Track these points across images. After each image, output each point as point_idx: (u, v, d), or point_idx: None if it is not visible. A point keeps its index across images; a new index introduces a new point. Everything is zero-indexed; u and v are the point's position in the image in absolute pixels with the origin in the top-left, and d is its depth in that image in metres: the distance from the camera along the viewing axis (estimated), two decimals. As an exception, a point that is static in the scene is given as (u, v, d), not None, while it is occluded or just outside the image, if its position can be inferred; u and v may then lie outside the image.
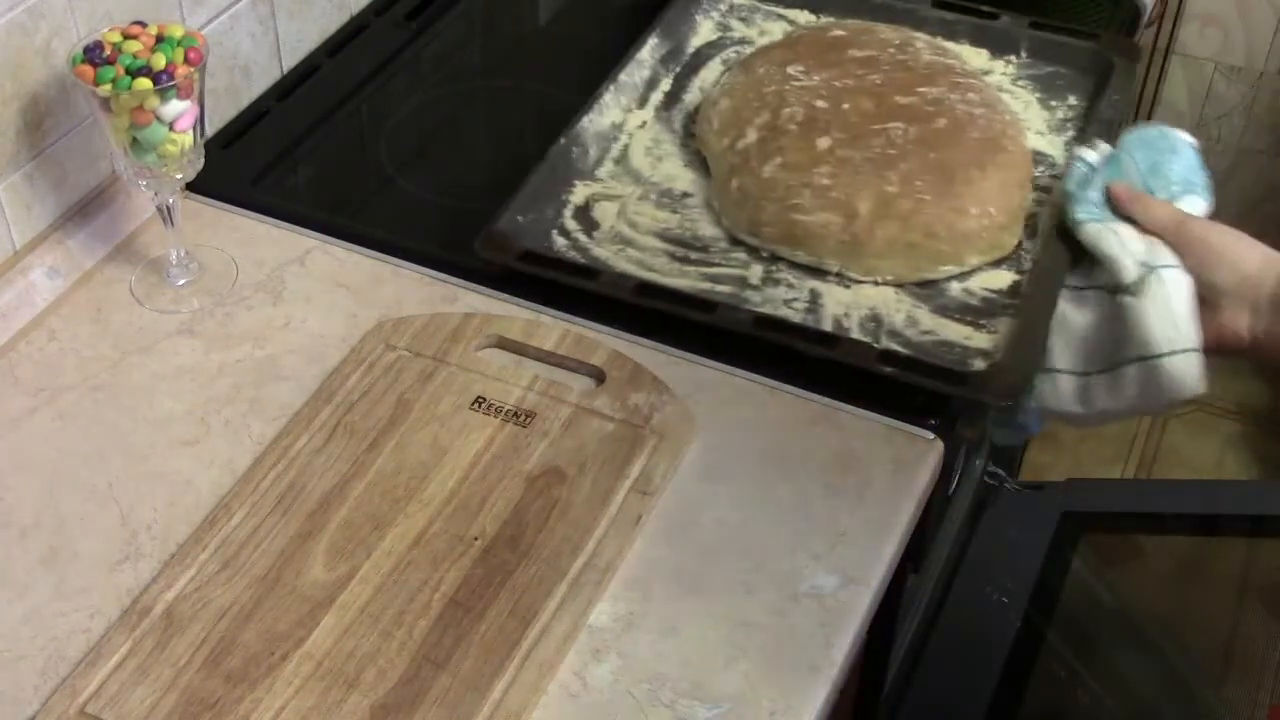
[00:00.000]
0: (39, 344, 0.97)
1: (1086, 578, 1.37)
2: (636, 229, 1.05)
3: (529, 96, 1.25)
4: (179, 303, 1.00)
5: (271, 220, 1.07)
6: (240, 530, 0.84)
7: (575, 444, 0.89)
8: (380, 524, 0.84)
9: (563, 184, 1.07)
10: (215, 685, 0.76)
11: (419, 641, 0.78)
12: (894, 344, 0.96)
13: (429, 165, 1.16)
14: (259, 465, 0.88)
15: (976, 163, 1.02)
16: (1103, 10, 1.34)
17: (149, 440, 0.91)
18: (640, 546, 0.84)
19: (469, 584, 0.81)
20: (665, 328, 0.97)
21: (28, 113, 0.97)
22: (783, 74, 1.09)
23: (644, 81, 1.17)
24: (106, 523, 0.86)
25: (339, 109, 1.20)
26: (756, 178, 1.03)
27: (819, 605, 0.81)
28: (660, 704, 0.77)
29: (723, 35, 1.26)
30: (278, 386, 0.94)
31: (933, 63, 1.10)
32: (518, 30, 1.36)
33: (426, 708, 0.75)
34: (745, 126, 1.06)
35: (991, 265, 1.03)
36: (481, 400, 0.92)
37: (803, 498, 0.87)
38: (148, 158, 0.93)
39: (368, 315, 0.99)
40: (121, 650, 0.78)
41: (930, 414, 0.92)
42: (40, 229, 1.02)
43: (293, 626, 0.79)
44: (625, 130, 1.14)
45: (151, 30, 0.93)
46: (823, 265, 1.01)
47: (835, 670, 0.79)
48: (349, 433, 0.89)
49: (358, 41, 1.27)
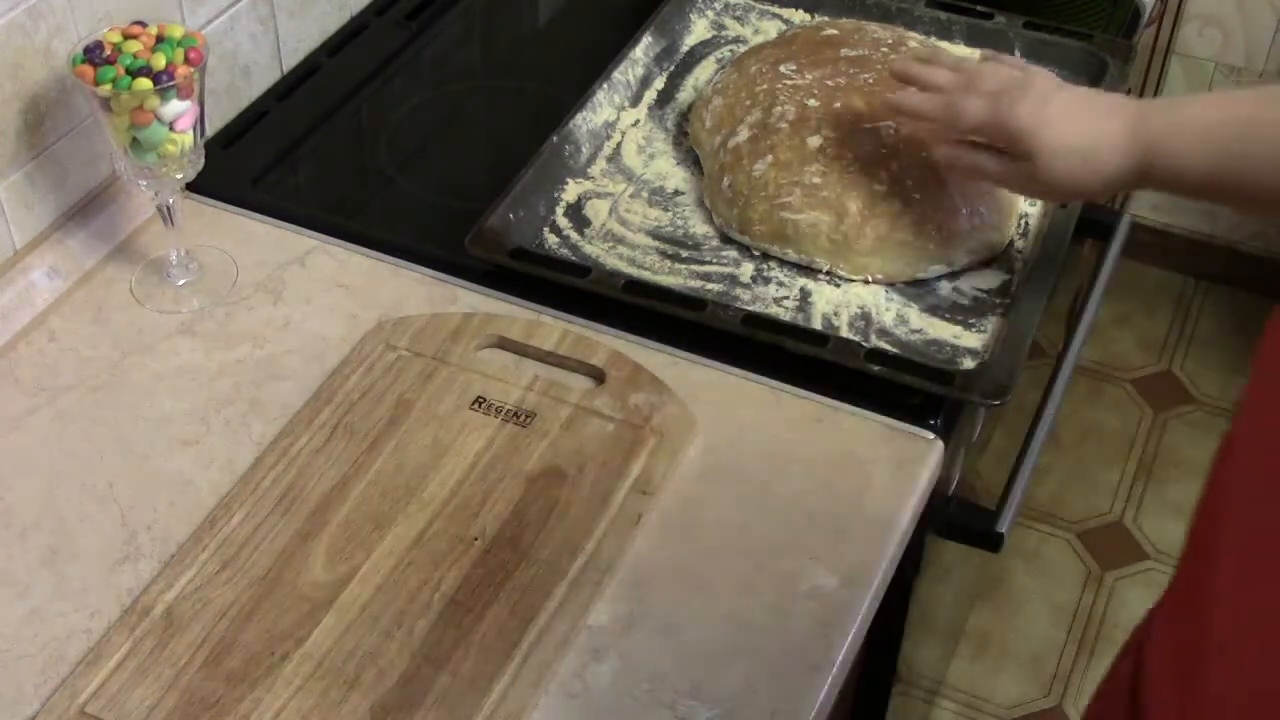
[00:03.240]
0: (39, 344, 0.97)
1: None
2: (628, 227, 1.05)
3: (529, 96, 1.25)
4: (179, 303, 1.00)
5: (271, 220, 1.07)
6: (240, 530, 0.84)
7: (575, 444, 0.89)
8: (380, 524, 0.84)
9: (555, 181, 1.08)
10: (215, 685, 0.76)
11: (419, 641, 0.78)
12: (883, 343, 0.97)
13: (429, 165, 1.16)
14: (259, 465, 0.88)
15: (969, 162, 1.03)
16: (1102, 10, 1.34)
17: (149, 440, 0.91)
18: (640, 546, 0.84)
19: (469, 584, 0.81)
20: (665, 328, 0.97)
21: (28, 113, 0.97)
22: (775, 72, 1.09)
23: (638, 80, 1.18)
24: (106, 523, 0.86)
25: (339, 109, 1.20)
26: (748, 176, 1.03)
27: (819, 605, 0.82)
28: (660, 704, 0.77)
29: (717, 34, 1.26)
30: (278, 386, 0.94)
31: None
32: (517, 30, 1.36)
33: (426, 708, 0.75)
34: (737, 125, 1.06)
35: (981, 264, 1.03)
36: (481, 400, 0.92)
37: (803, 498, 0.87)
38: (148, 158, 0.93)
39: (368, 315, 0.99)
40: (121, 650, 0.78)
41: (930, 414, 0.92)
42: (41, 229, 1.02)
43: (293, 626, 0.79)
44: (618, 128, 1.14)
45: (151, 30, 0.93)
46: (813, 264, 1.02)
47: (835, 670, 0.79)
48: (349, 433, 0.89)
49: (358, 41, 1.27)
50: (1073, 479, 1.98)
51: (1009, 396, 0.92)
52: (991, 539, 1.05)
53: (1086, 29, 1.25)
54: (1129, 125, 0.87)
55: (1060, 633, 1.82)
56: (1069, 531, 1.93)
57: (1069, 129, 0.89)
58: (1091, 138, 0.89)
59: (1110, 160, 0.88)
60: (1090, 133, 0.89)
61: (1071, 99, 0.91)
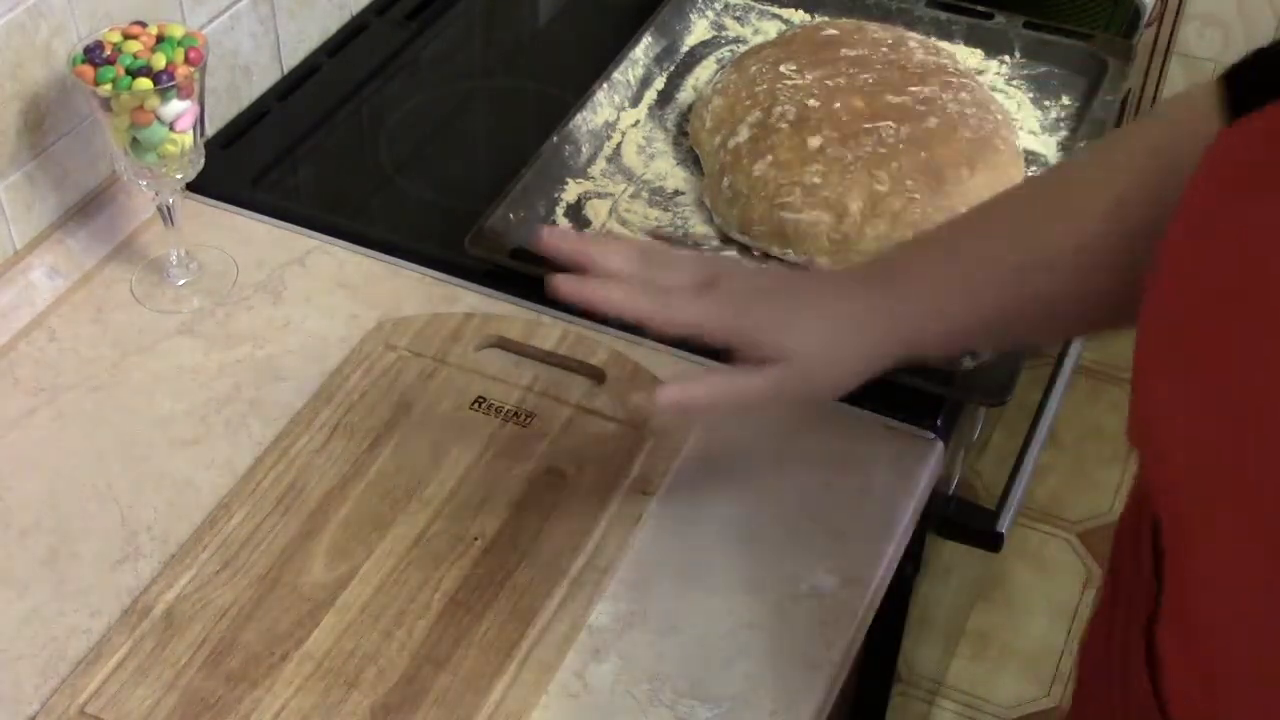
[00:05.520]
0: (39, 344, 0.97)
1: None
2: (628, 227, 1.06)
3: (529, 96, 1.25)
4: (179, 303, 1.00)
5: (271, 220, 1.07)
6: (240, 530, 0.84)
7: (575, 444, 0.89)
8: (380, 524, 0.84)
9: (555, 182, 1.08)
10: (215, 685, 0.76)
11: (419, 641, 0.78)
12: (886, 343, 0.97)
13: (429, 165, 1.16)
14: (259, 465, 0.88)
15: (967, 162, 1.03)
16: (1103, 10, 1.34)
17: (149, 440, 0.91)
18: (640, 546, 0.84)
19: (469, 584, 0.81)
20: (665, 328, 0.97)
21: (28, 113, 0.97)
22: (775, 72, 1.09)
23: (638, 80, 1.18)
24: (106, 523, 0.86)
25: (339, 109, 1.20)
26: (747, 176, 1.03)
27: (819, 605, 0.82)
28: (660, 704, 0.77)
29: (717, 34, 1.26)
30: (278, 386, 0.94)
31: (925, 62, 1.10)
32: (518, 30, 1.36)
33: (426, 708, 0.75)
34: (737, 125, 1.06)
35: (984, 265, 1.03)
36: (481, 400, 0.92)
37: (803, 498, 0.87)
38: (148, 158, 0.93)
39: (368, 315, 0.99)
40: (121, 650, 0.78)
41: (930, 414, 0.92)
42: (40, 229, 1.02)
43: (293, 626, 0.79)
44: (618, 128, 1.14)
45: (151, 30, 0.93)
46: (813, 264, 1.01)
47: (835, 670, 0.79)
48: (349, 433, 0.89)
49: (358, 41, 1.27)
50: (1073, 479, 1.98)
51: (1009, 396, 0.92)
52: (991, 539, 1.05)
53: (1086, 29, 1.25)
54: (869, 308, 0.77)
55: (1060, 633, 1.82)
56: (1069, 531, 1.93)
57: (814, 320, 0.76)
58: (843, 323, 0.76)
59: (863, 346, 0.77)
60: (838, 318, 0.77)
61: (796, 287, 0.79)
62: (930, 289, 0.76)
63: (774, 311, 0.76)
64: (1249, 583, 0.52)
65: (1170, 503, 0.59)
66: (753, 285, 0.78)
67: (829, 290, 0.78)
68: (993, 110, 1.08)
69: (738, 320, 0.75)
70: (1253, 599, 0.52)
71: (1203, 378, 0.53)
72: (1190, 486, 0.55)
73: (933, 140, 1.03)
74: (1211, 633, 0.56)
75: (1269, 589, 0.50)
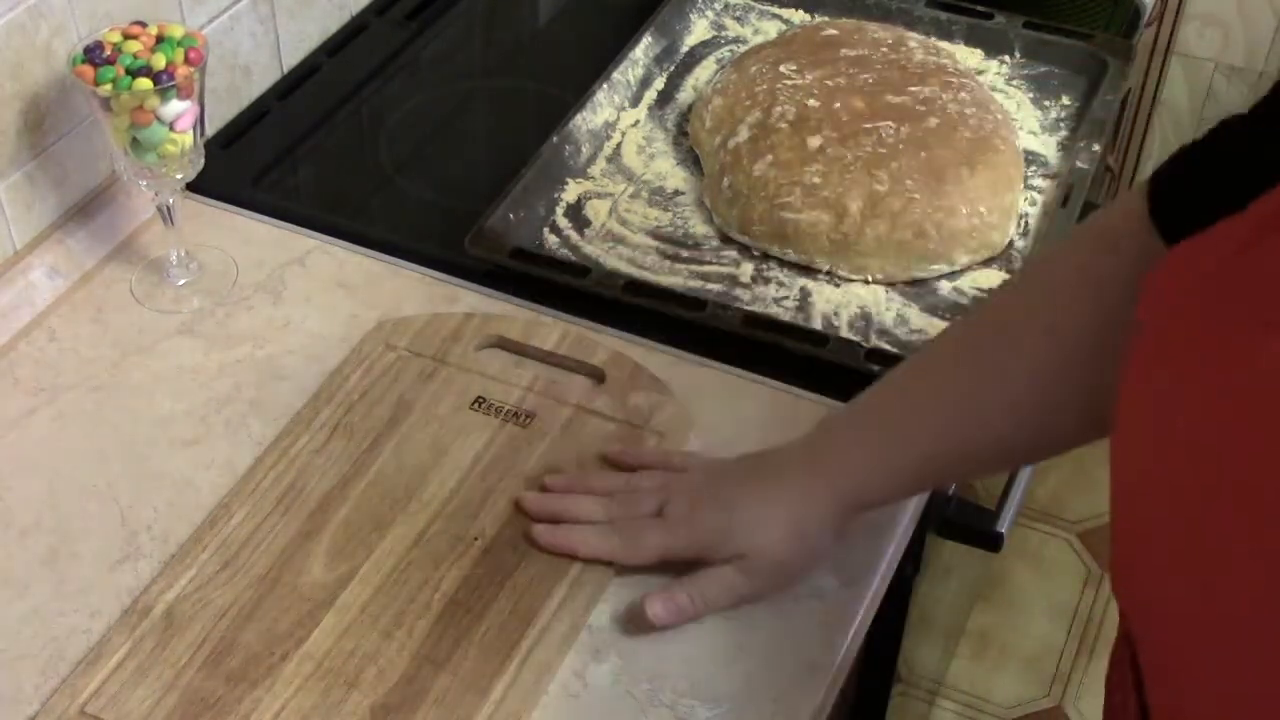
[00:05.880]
0: (39, 344, 0.97)
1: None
2: (628, 227, 1.06)
3: (529, 96, 1.25)
4: (179, 303, 1.00)
5: (271, 220, 1.07)
6: (240, 530, 0.84)
7: (575, 444, 0.89)
8: (380, 524, 0.84)
9: (555, 182, 1.08)
10: (215, 685, 0.76)
11: (419, 641, 0.78)
12: (883, 343, 0.97)
13: (429, 165, 1.16)
14: (259, 465, 0.88)
15: (967, 162, 1.03)
16: (1102, 10, 1.34)
17: (149, 440, 0.91)
18: (640, 546, 0.84)
19: (469, 584, 0.81)
20: (665, 328, 0.97)
21: (28, 113, 0.97)
22: (775, 72, 1.09)
23: (638, 80, 1.18)
24: (106, 523, 0.86)
25: (339, 109, 1.20)
26: (747, 176, 1.03)
27: (819, 605, 0.81)
28: (660, 704, 0.77)
29: (717, 34, 1.26)
30: (278, 386, 0.94)
31: (925, 62, 1.10)
32: (518, 30, 1.36)
33: (426, 708, 0.75)
34: (737, 125, 1.06)
35: (982, 264, 1.03)
36: (481, 401, 0.92)
37: (802, 498, 0.87)
38: (148, 158, 0.94)
39: (368, 315, 0.99)
40: (121, 650, 0.78)
41: (930, 414, 0.92)
42: (40, 229, 1.02)
43: (293, 626, 0.79)
44: (618, 128, 1.14)
45: (151, 30, 0.93)
46: (813, 264, 1.02)
47: (834, 670, 0.79)
48: (349, 433, 0.89)
49: (358, 41, 1.27)
50: (1073, 479, 1.98)
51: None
52: (991, 539, 1.05)
53: (1086, 29, 1.25)
54: (805, 491, 0.80)
55: (1060, 633, 1.82)
56: (1069, 531, 1.93)
57: (758, 513, 0.80)
58: (785, 511, 0.80)
59: (809, 523, 0.80)
60: (779, 505, 0.80)
61: (736, 487, 0.81)
62: (864, 466, 0.80)
63: (719, 518, 0.80)
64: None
65: (1148, 650, 0.59)
66: (696, 497, 0.82)
67: (769, 480, 0.81)
68: (993, 110, 1.08)
69: (692, 537, 0.80)
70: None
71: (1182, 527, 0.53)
72: (1167, 635, 0.56)
73: (933, 140, 1.03)
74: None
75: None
